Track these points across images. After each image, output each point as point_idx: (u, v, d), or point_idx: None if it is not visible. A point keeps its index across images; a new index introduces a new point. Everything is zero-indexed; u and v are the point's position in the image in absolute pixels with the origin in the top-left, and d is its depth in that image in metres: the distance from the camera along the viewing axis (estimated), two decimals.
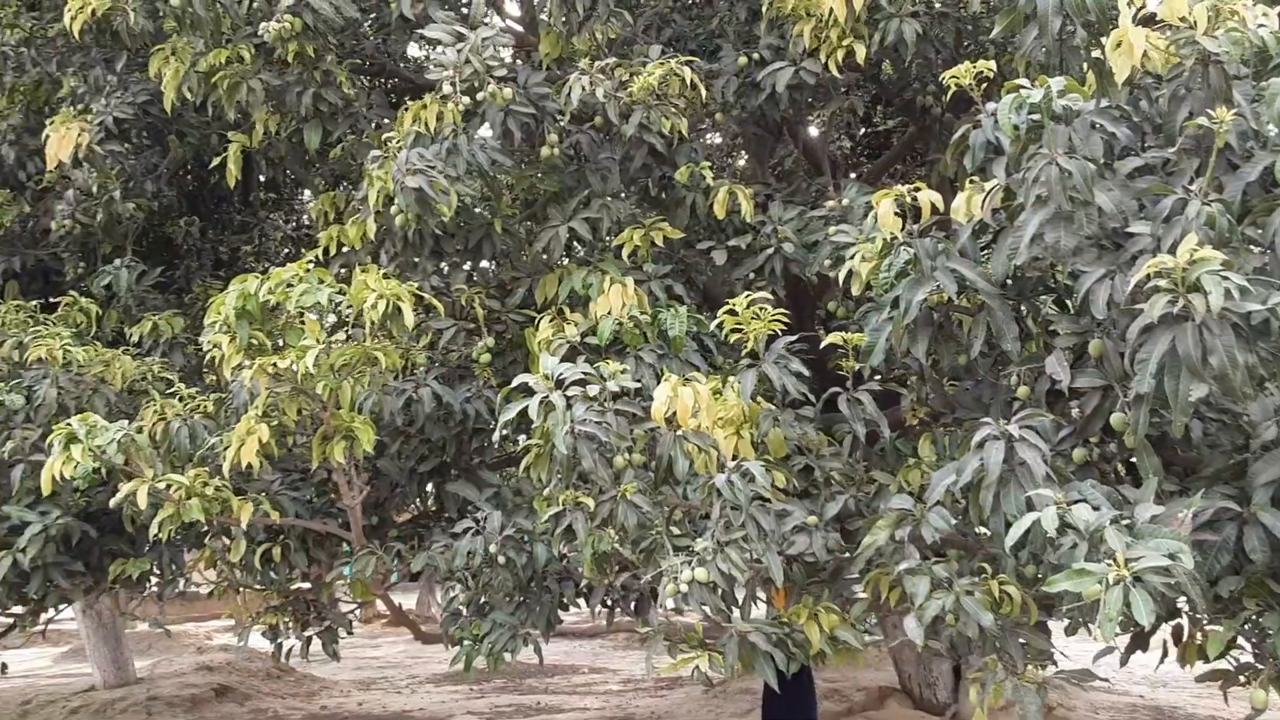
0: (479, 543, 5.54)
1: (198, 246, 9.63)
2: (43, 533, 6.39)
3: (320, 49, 6.28)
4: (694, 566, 4.43)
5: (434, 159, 5.56)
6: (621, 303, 5.79)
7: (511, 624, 5.67)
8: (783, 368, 5.01)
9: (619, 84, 5.91)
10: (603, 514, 4.72)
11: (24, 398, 6.73)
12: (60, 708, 12.87)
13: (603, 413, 4.49)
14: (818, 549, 4.86)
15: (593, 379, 4.56)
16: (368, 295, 5.49)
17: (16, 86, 8.12)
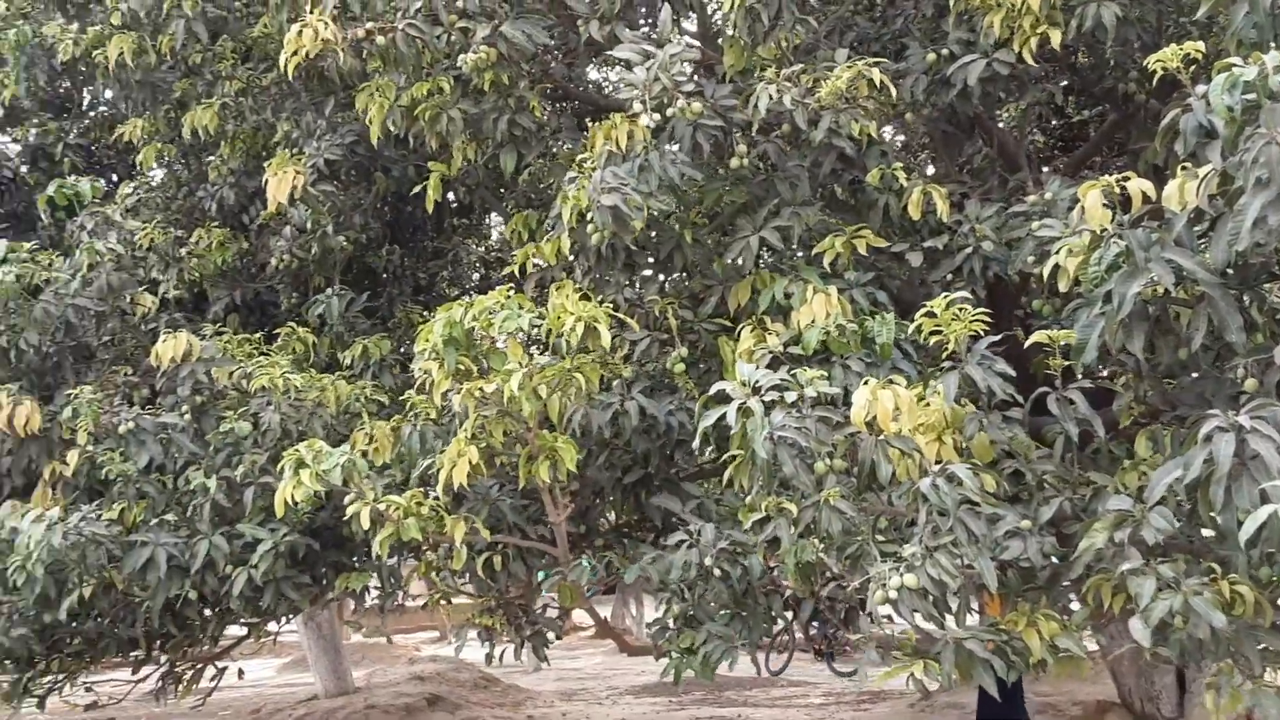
0: (694, 555, 5.57)
1: (398, 274, 10.10)
2: (273, 549, 6.81)
3: (514, 76, 6.49)
4: (903, 573, 4.35)
5: (627, 176, 5.66)
6: (826, 311, 5.75)
7: (726, 635, 5.68)
8: (987, 369, 4.86)
9: (806, 90, 5.88)
10: (806, 520, 4.68)
11: (251, 424, 7.21)
12: (286, 715, 13.64)
13: (802, 418, 4.46)
14: (1033, 554, 4.68)
15: (791, 385, 4.53)
16: (566, 319, 5.64)
17: (236, 134, 8.70)
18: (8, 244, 7.80)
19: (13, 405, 7.30)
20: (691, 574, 5.63)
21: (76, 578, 6.78)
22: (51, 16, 9.41)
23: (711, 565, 5.58)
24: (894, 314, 6.35)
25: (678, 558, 5.67)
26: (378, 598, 7.88)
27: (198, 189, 9.56)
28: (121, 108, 10.17)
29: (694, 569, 5.62)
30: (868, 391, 4.54)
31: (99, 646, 7.75)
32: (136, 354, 8.53)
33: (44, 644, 7.52)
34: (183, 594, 6.96)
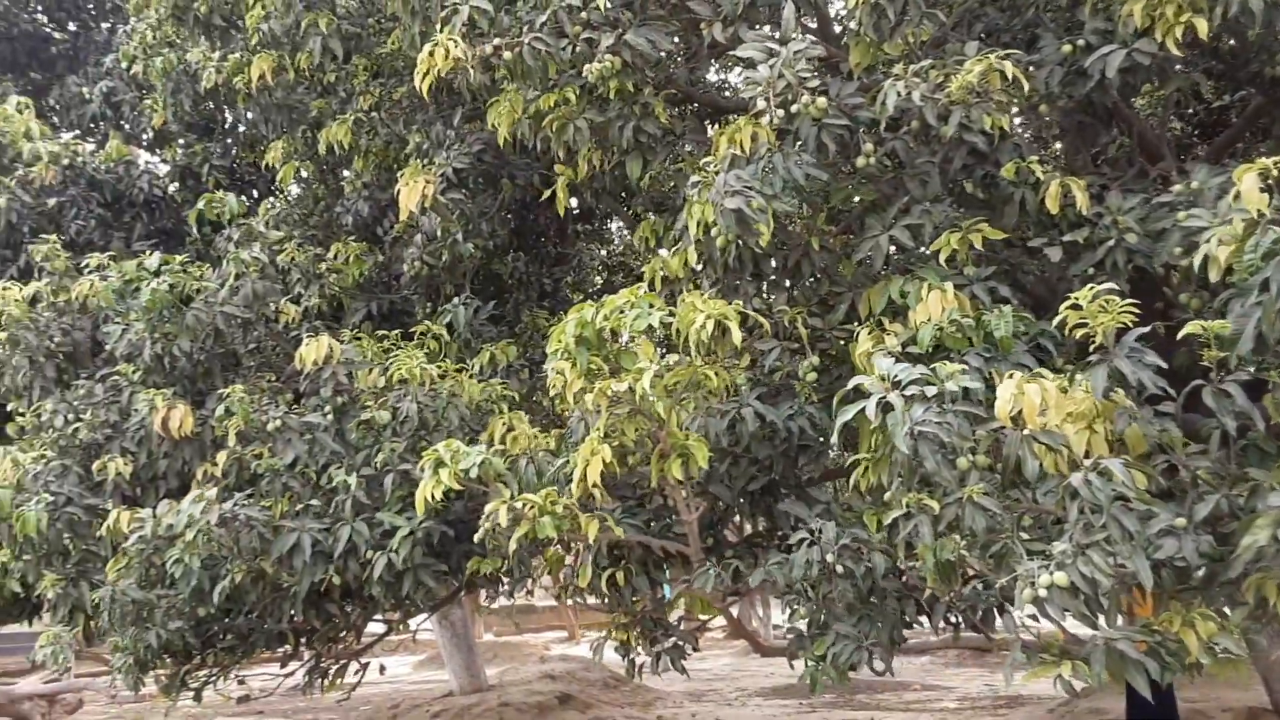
0: (815, 553, 5.55)
1: (523, 280, 10.30)
2: (410, 536, 7.01)
3: (638, 83, 6.56)
4: (1053, 571, 4.25)
5: (750, 179, 5.66)
6: (941, 308, 5.66)
7: (854, 636, 5.63)
8: (1136, 361, 4.71)
9: (935, 85, 5.80)
10: (948, 517, 4.61)
11: (390, 414, 7.45)
12: (424, 711, 14.00)
13: (943, 413, 4.40)
14: (1188, 553, 4.50)
15: (931, 380, 4.47)
16: (696, 316, 5.67)
17: (369, 149, 9.00)
18: (161, 256, 8.21)
19: (168, 409, 7.69)
20: (814, 573, 5.61)
21: (229, 566, 7.08)
22: (196, 43, 9.86)
23: (834, 563, 5.55)
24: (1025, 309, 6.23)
25: (799, 556, 5.65)
26: (507, 585, 8.04)
27: (334, 204, 9.92)
28: (261, 128, 10.63)
29: (816, 568, 5.59)
30: (1013, 385, 4.44)
31: (249, 641, 8.09)
32: (280, 361, 8.89)
33: (199, 638, 7.89)
34: (326, 579, 7.21)
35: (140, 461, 7.93)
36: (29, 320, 8.78)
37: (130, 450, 7.94)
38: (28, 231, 11.27)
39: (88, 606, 7.79)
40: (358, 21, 8.59)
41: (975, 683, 16.26)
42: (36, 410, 8.49)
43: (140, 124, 13.37)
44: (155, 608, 7.39)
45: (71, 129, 14.16)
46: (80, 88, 14.04)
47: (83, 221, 11.43)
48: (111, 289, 8.04)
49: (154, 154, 13.57)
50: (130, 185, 12.05)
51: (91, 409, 8.06)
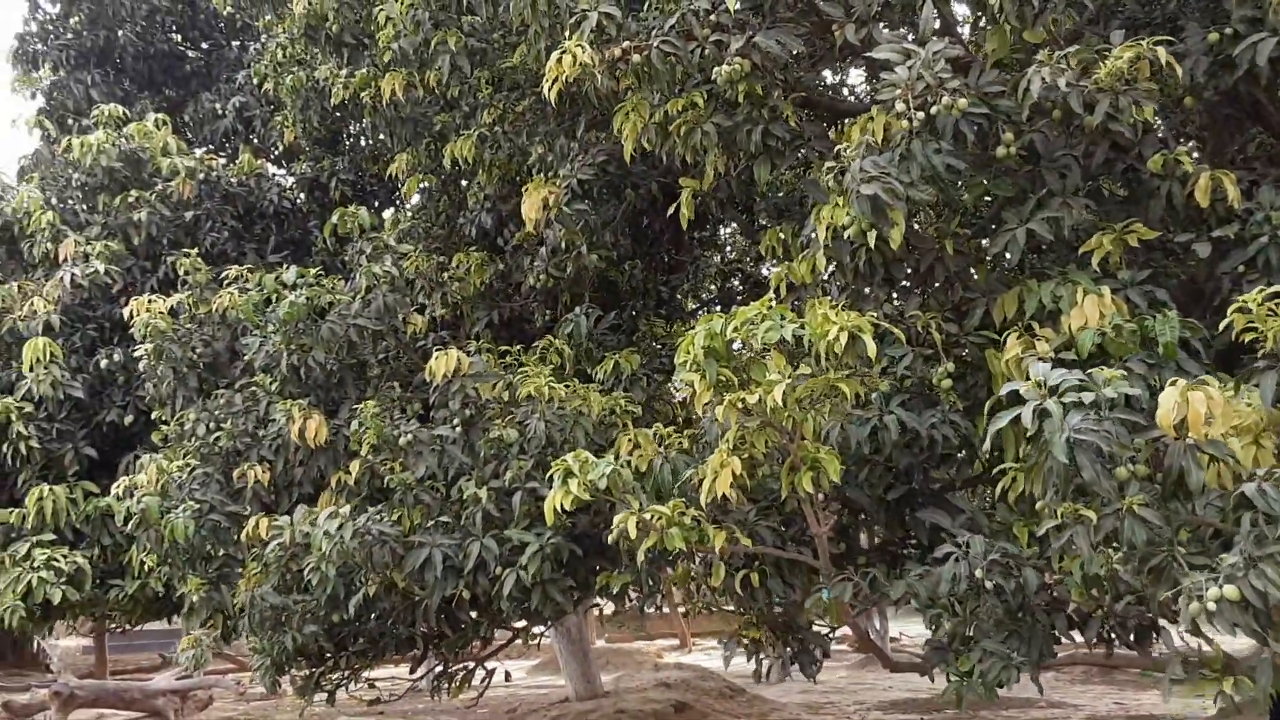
0: (963, 568, 5.39)
1: (640, 288, 10.30)
2: (539, 551, 7.07)
3: (767, 86, 6.49)
4: (1221, 584, 4.06)
5: (887, 165, 5.55)
6: (1099, 313, 5.46)
7: (1003, 654, 5.45)
8: None
9: (1081, 72, 5.60)
10: (1106, 529, 4.43)
11: (517, 432, 7.51)
12: (541, 716, 14.10)
13: (1100, 420, 4.23)
14: None
15: (1089, 386, 4.31)
16: (829, 328, 5.57)
17: (493, 161, 9.10)
18: (297, 270, 8.45)
19: (304, 418, 7.90)
20: (961, 588, 5.44)
21: (363, 577, 7.24)
22: (326, 59, 10.12)
23: (982, 578, 5.38)
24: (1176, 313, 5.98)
25: (946, 571, 5.48)
26: (637, 600, 8.04)
27: (456, 215, 10.07)
28: (386, 141, 10.87)
29: (964, 583, 5.43)
30: (1176, 393, 4.25)
31: (380, 645, 8.26)
32: (405, 371, 9.07)
33: (332, 642, 8.08)
34: (457, 593, 7.30)
35: (277, 469, 8.16)
36: (173, 333, 9.11)
37: (268, 458, 8.19)
38: (166, 244, 11.75)
39: (228, 610, 8.04)
40: (484, 37, 8.71)
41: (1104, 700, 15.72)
42: (179, 419, 8.81)
43: (270, 138, 13.83)
44: (292, 613, 7.59)
45: (205, 144, 14.73)
46: (213, 104, 14.60)
47: (217, 234, 11.87)
48: (250, 302, 8.30)
49: (282, 167, 14.02)
50: (261, 198, 12.48)
51: (231, 418, 8.33)
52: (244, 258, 11.69)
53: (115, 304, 11.35)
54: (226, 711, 17.32)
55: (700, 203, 9.05)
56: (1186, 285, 6.42)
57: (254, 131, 14.31)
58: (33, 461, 11.18)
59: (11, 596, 9.99)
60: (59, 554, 10.29)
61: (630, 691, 15.11)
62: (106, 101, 13.61)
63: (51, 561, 10.16)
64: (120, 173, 12.06)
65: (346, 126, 12.13)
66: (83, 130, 13.30)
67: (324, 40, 9.49)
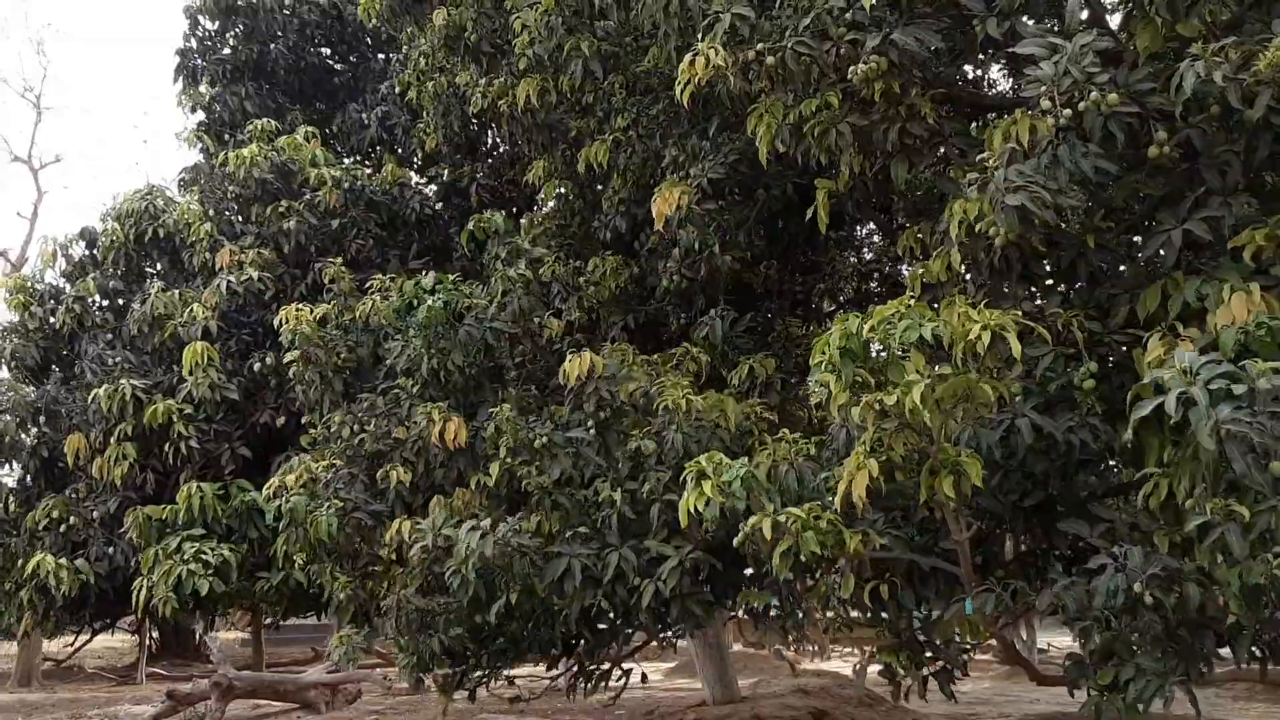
0: (1121, 580, 5.14)
1: (776, 289, 10.18)
2: (678, 565, 7.07)
3: (905, 84, 6.34)
4: None
5: (1033, 173, 5.35)
6: (1247, 310, 5.15)
7: (1160, 671, 5.18)
8: None
9: (1239, 65, 5.29)
10: (1261, 526, 4.16)
11: (655, 443, 7.51)
12: (678, 718, 14.07)
13: (1255, 413, 3.98)
14: None
15: (1241, 377, 4.05)
16: (971, 326, 5.39)
17: (627, 166, 9.13)
18: (436, 275, 8.64)
19: (443, 421, 8.07)
20: (1118, 602, 5.20)
21: (504, 585, 7.35)
22: (466, 68, 10.33)
23: (1141, 592, 5.12)
24: None
25: (1102, 583, 5.23)
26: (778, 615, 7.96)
27: (591, 220, 10.15)
28: (522, 148, 11.03)
29: (1121, 596, 5.18)
30: None
31: (521, 647, 8.37)
32: (542, 374, 9.18)
33: (475, 642, 8.22)
34: (595, 603, 7.36)
35: (419, 470, 8.35)
36: (319, 339, 9.44)
37: (410, 460, 8.39)
38: (314, 251, 12.18)
39: (372, 608, 8.28)
40: (616, 41, 8.75)
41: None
42: (326, 422, 9.11)
43: (411, 147, 14.19)
44: (437, 615, 7.76)
45: (351, 154, 15.21)
46: (359, 114, 15.06)
47: (362, 241, 12.25)
48: (392, 308, 8.52)
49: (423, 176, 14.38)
50: (404, 205, 12.83)
51: (374, 420, 8.57)
52: (387, 264, 12.04)
53: (268, 310, 11.83)
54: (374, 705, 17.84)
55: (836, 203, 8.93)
56: None
57: (397, 141, 14.71)
58: (192, 461, 11.76)
59: (164, 588, 10.56)
60: (207, 547, 10.82)
61: (768, 697, 14.95)
62: (260, 114, 14.23)
63: (200, 554, 10.72)
64: (272, 184, 12.58)
65: (485, 134, 12.37)
66: (238, 144, 13.90)
67: (463, 50, 9.70)
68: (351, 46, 16.47)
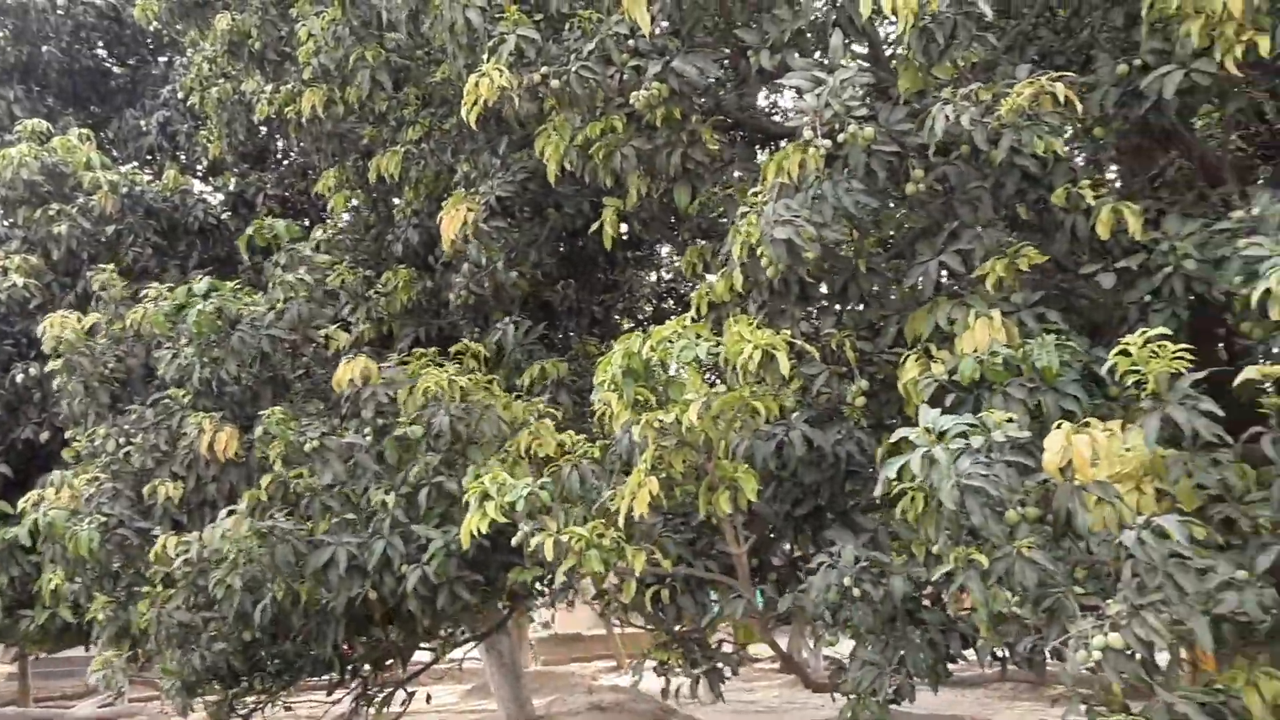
0: (833, 576, 5.45)
1: (574, 307, 10.27)
2: (445, 548, 6.94)
3: (685, 110, 6.52)
4: (1106, 631, 4.11)
5: (799, 208, 5.60)
6: (987, 337, 5.54)
7: (879, 663, 5.49)
8: (1191, 409, 4.54)
9: (985, 108, 5.69)
10: (998, 572, 4.48)
11: (423, 429, 7.43)
12: None
13: (990, 464, 4.28)
14: (1249, 607, 4.32)
15: (977, 430, 4.35)
16: (744, 346, 5.59)
17: (420, 179, 9.03)
18: (209, 281, 8.30)
19: (214, 431, 7.74)
20: (832, 596, 5.51)
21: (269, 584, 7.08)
22: (251, 75, 10.01)
23: (850, 585, 5.45)
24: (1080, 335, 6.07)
25: (817, 580, 5.55)
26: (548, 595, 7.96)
27: (385, 232, 9.98)
28: (313, 157, 10.74)
29: (834, 591, 5.50)
30: (1062, 436, 4.32)
31: (296, 667, 8.10)
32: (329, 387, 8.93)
33: (246, 663, 7.91)
34: (363, 594, 7.17)
35: (189, 485, 7.99)
36: (84, 348, 8.90)
37: (179, 474, 8.02)
38: (87, 258, 11.49)
39: (136, 630, 7.84)
40: (407, 54, 8.65)
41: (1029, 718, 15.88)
42: (90, 436, 8.61)
43: (195, 154, 13.61)
44: (201, 630, 7.42)
45: (130, 160, 14.44)
46: (138, 120, 14.33)
47: (139, 249, 11.63)
48: (162, 314, 8.14)
49: (208, 183, 13.81)
50: (186, 214, 12.25)
51: (142, 433, 8.15)
52: (166, 274, 11.47)
53: (33, 319, 11.08)
54: None
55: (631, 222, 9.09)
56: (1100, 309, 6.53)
57: (179, 147, 14.07)
58: None
59: None
60: None
61: (563, 714, 15.01)
62: (29, 118, 13.33)
63: None
64: (41, 186, 11.78)
65: (273, 142, 11.98)
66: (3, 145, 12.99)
67: (247, 56, 9.38)
68: (130, 49, 15.63)
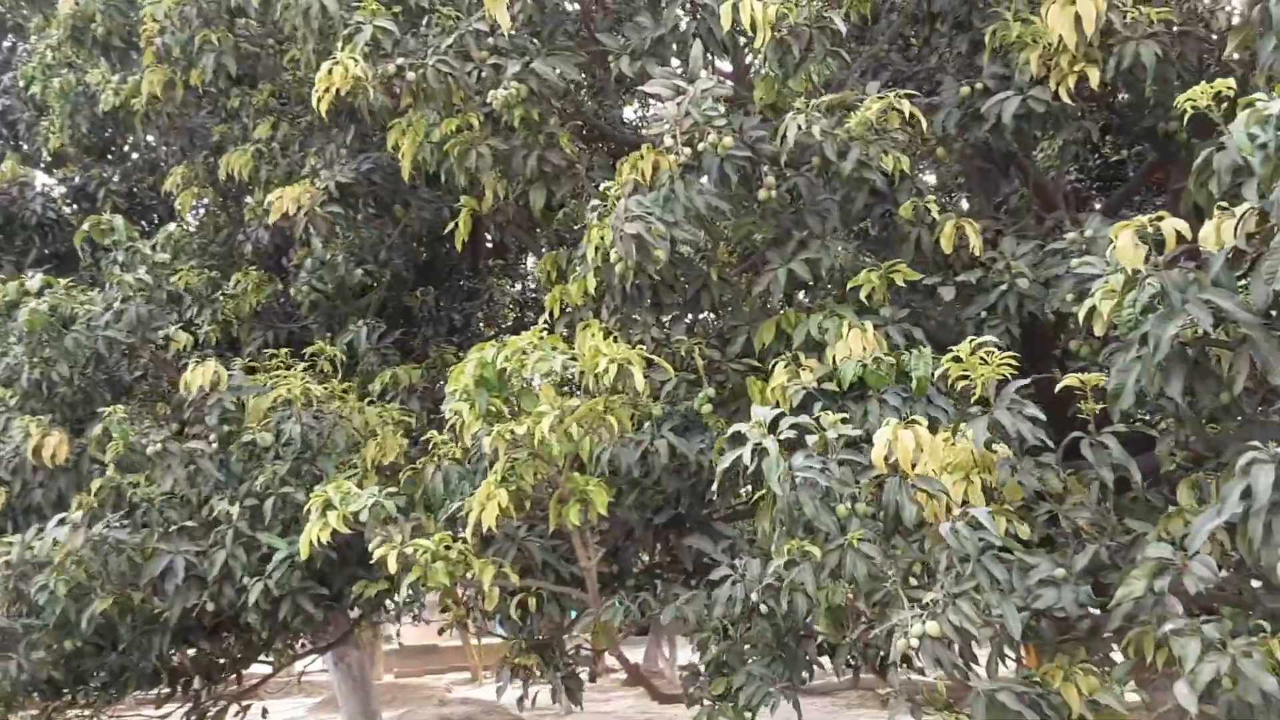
0: (739, 590, 5.42)
1: (433, 314, 10.10)
2: (289, 559, 6.70)
3: (544, 113, 6.48)
4: (925, 620, 4.21)
5: (652, 205, 5.62)
6: (863, 346, 5.66)
7: (767, 677, 5.52)
8: (1016, 413, 4.72)
9: (835, 122, 5.82)
10: (831, 564, 4.56)
11: (273, 436, 7.18)
12: None
13: (824, 460, 4.35)
14: (1067, 603, 4.50)
15: (812, 427, 4.42)
16: (599, 360, 5.56)
17: (270, 178, 8.74)
18: (43, 278, 7.88)
19: (42, 435, 7.34)
20: (736, 610, 5.51)
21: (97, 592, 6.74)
22: (95, 64, 9.56)
23: (757, 601, 5.43)
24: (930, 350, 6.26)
25: (721, 593, 5.53)
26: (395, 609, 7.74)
27: (236, 232, 9.64)
28: (162, 152, 10.32)
29: (739, 605, 5.49)
30: (888, 431, 4.43)
31: (122, 680, 7.70)
32: (169, 390, 8.57)
33: (68, 674, 7.48)
34: (200, 606, 6.88)
35: (15, 491, 7.55)
36: None
37: (4, 479, 7.57)
38: None
39: None
40: (258, 41, 8.37)
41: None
42: None
43: (36, 145, 12.92)
44: (19, 638, 6.99)
45: None
46: None
47: None
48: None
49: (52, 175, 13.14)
50: (24, 207, 11.59)
51: None
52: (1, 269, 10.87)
53: None
54: None
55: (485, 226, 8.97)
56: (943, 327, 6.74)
57: (20, 137, 13.35)
58: None
59: None
60: None
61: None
62: None
63: None
64: None
65: (120, 136, 11.45)
66: None
67: (91, 43, 8.94)
68: None
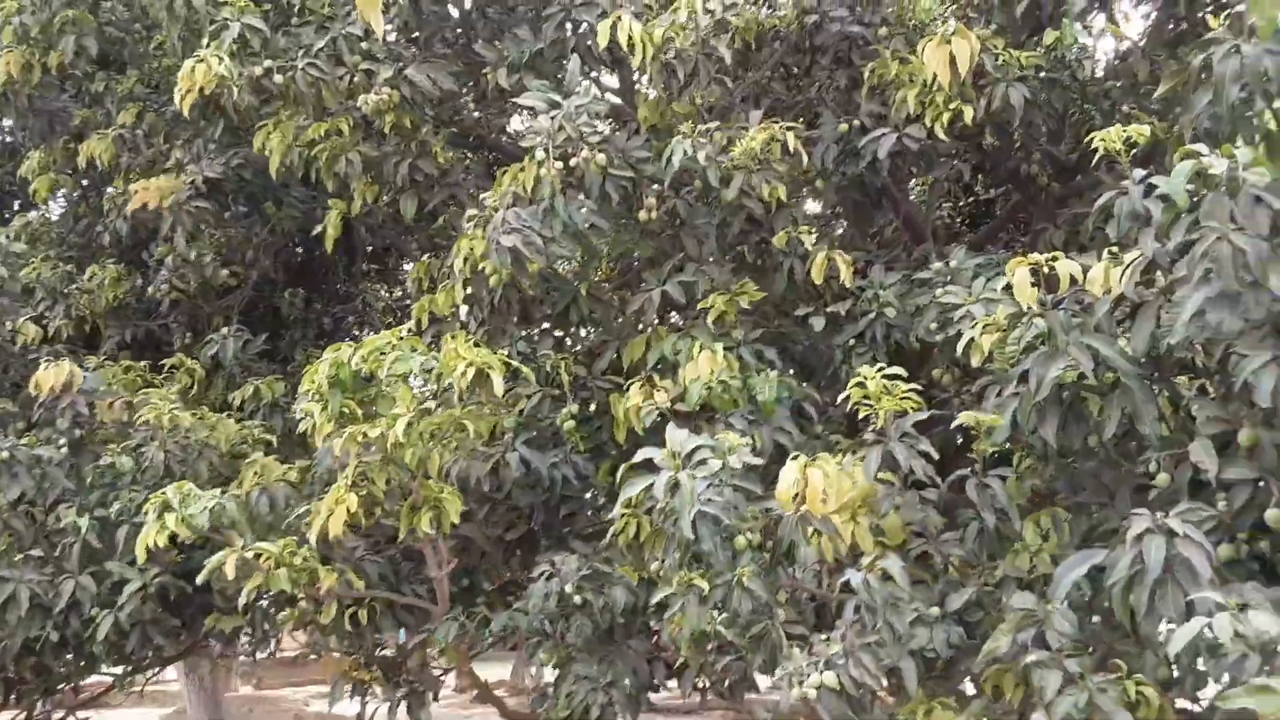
0: (554, 584, 5.41)
1: (302, 317, 9.81)
2: (141, 590, 6.45)
3: (417, 121, 6.35)
4: (822, 670, 4.20)
5: (530, 219, 5.54)
6: (710, 369, 5.66)
7: (594, 677, 5.45)
8: (910, 448, 4.73)
9: (720, 148, 5.83)
10: (716, 598, 4.53)
11: (133, 461, 6.85)
12: None
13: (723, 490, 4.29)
14: (939, 644, 4.52)
15: (715, 454, 4.36)
16: (458, 363, 5.45)
17: (133, 166, 8.37)
18: None
19: None
20: (553, 605, 5.47)
21: None
22: None
23: (573, 593, 5.42)
24: (793, 374, 6.29)
25: (537, 588, 5.51)
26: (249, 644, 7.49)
27: (96, 223, 9.21)
28: (21, 137, 9.81)
29: (555, 599, 5.47)
30: (797, 469, 4.39)
31: None
32: (13, 386, 8.12)
33: None
34: (43, 636, 6.56)
35: None
36: None
37: None
38: None
39: None
40: (123, 26, 8.02)
41: None
42: None
43: None
44: None
45: None
46: None
47: None
48: None
49: None
50: None
51: None
52: None
53: None
54: None
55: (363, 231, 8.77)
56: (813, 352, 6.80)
57: None
58: None
59: None
60: None
61: None
62: None
63: None
64: None
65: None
66: None
67: None
68: None
